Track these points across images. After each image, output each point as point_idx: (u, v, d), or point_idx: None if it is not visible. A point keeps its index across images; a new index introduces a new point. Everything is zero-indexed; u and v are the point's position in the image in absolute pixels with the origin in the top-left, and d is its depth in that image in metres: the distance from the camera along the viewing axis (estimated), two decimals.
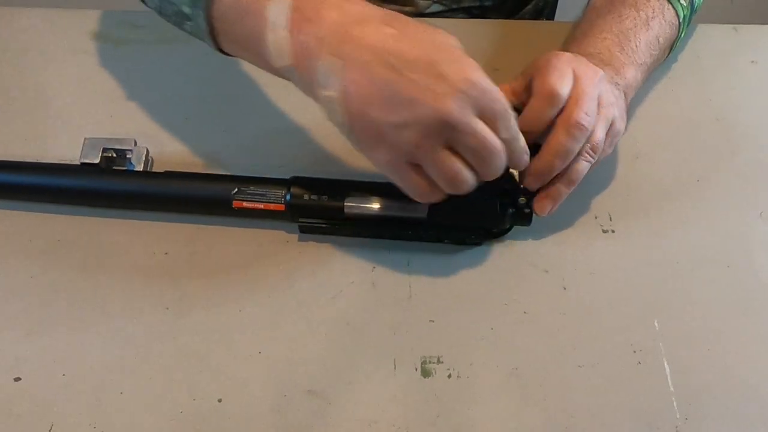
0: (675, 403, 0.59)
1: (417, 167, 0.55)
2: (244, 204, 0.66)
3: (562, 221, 0.70)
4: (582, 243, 0.69)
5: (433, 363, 0.61)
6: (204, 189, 0.67)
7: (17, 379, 0.60)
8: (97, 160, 0.68)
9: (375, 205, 0.65)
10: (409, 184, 0.56)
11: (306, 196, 0.65)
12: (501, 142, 0.55)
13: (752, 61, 0.85)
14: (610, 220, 0.70)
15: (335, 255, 0.67)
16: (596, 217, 0.70)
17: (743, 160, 0.75)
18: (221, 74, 0.81)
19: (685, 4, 0.76)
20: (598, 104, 0.63)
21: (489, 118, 0.53)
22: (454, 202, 0.59)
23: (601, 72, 0.64)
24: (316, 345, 0.62)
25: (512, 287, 0.66)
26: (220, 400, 0.59)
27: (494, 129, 0.54)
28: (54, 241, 0.68)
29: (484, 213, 0.65)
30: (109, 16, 0.86)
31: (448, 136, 0.53)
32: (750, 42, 0.87)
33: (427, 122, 0.51)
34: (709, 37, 0.83)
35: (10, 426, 0.57)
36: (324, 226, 0.66)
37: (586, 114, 0.61)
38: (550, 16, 1.09)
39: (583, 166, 0.64)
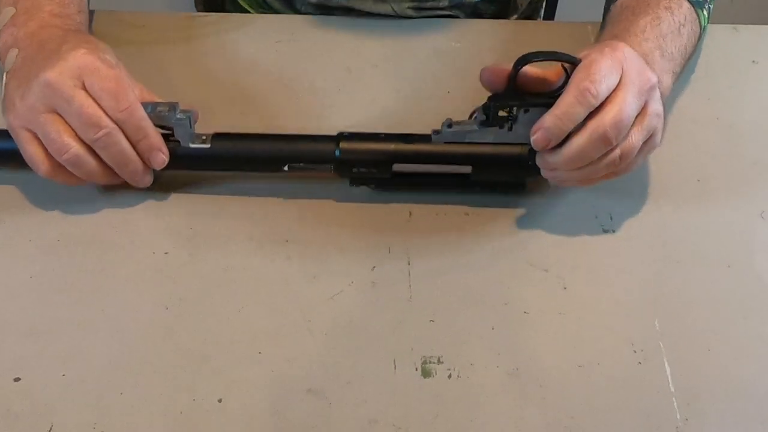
0: (675, 404, 0.59)
1: (35, 136, 0.64)
2: (296, 172, 0.69)
3: (563, 221, 0.70)
4: (582, 243, 0.69)
5: (434, 363, 0.61)
6: (254, 161, 0.70)
7: (17, 379, 0.60)
8: None
9: (422, 167, 0.68)
10: (26, 152, 0.65)
11: (354, 157, 0.68)
12: (106, 117, 0.63)
13: (752, 61, 0.85)
14: (611, 219, 0.70)
15: (335, 255, 0.67)
16: (596, 217, 0.70)
17: (743, 160, 0.75)
18: (221, 74, 0.81)
19: (706, 15, 0.76)
20: (643, 112, 0.63)
21: (98, 93, 0.63)
22: (491, 158, 0.67)
23: (654, 79, 0.63)
24: (315, 345, 0.62)
25: (512, 287, 0.66)
26: (220, 400, 0.59)
27: (106, 106, 0.63)
28: (54, 241, 0.68)
29: (516, 165, 0.67)
30: (109, 15, 0.86)
31: (54, 102, 0.63)
32: (750, 42, 0.87)
33: (37, 87, 0.63)
34: (709, 37, 0.83)
35: (10, 426, 0.57)
36: (373, 185, 0.71)
37: (617, 125, 0.60)
38: (550, 16, 1.09)
39: (604, 168, 0.63)
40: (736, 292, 0.66)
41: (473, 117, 0.67)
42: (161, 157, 0.67)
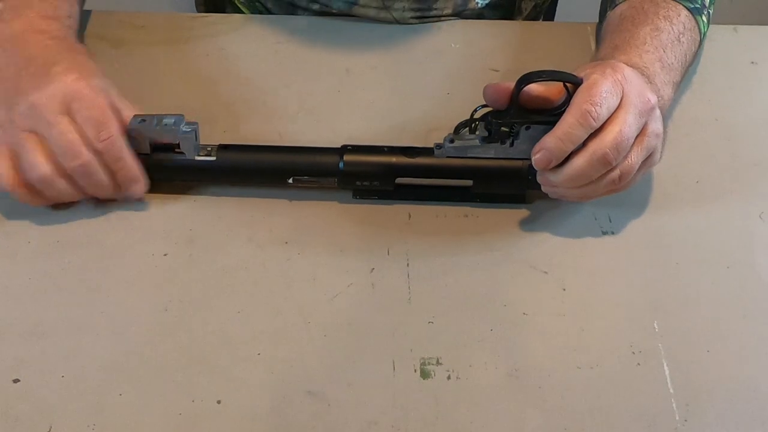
0: (674, 405, 0.59)
1: (9, 151, 0.64)
2: (300, 185, 0.70)
3: (562, 223, 0.70)
4: (581, 244, 0.69)
5: (433, 364, 0.61)
6: (259, 173, 0.70)
7: (16, 381, 0.60)
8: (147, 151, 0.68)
9: (425, 180, 0.69)
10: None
11: (358, 170, 0.68)
12: (84, 147, 0.63)
13: (752, 62, 0.85)
14: (610, 221, 0.70)
15: (334, 256, 0.67)
16: (596, 219, 0.70)
17: (743, 161, 0.75)
18: (221, 75, 0.81)
19: (705, 21, 0.77)
20: (642, 132, 0.63)
21: (82, 121, 0.63)
22: (492, 172, 0.68)
23: (653, 100, 0.64)
24: (315, 346, 0.62)
25: (511, 288, 0.66)
26: (219, 402, 0.59)
27: (88, 134, 0.63)
28: (53, 242, 0.68)
29: (516, 180, 0.68)
30: (109, 16, 0.86)
31: (37, 124, 0.63)
32: (750, 42, 0.87)
33: (23, 106, 0.63)
34: (708, 37, 0.83)
35: (9, 427, 0.57)
36: (376, 197, 0.71)
37: (617, 146, 0.61)
38: (550, 17, 1.09)
39: (603, 187, 0.64)
40: (735, 293, 0.66)
41: (473, 125, 0.67)
42: (140, 188, 0.68)
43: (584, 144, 0.62)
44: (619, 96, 0.62)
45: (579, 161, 0.62)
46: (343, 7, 0.86)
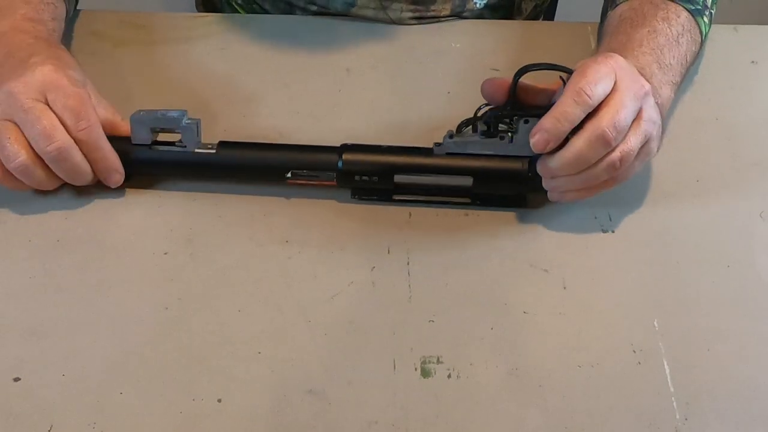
0: (675, 404, 0.59)
1: None
2: (298, 181, 0.69)
3: (562, 221, 0.70)
4: (582, 243, 0.69)
5: (433, 363, 0.61)
6: (258, 169, 0.70)
7: (17, 379, 0.60)
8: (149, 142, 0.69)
9: (424, 179, 0.68)
10: None
11: (357, 168, 0.68)
12: (62, 131, 0.63)
13: (752, 61, 0.85)
14: (610, 220, 0.70)
15: (335, 255, 0.67)
16: (596, 217, 0.70)
17: (743, 160, 0.75)
18: (221, 75, 0.81)
19: (707, 21, 0.77)
20: (638, 117, 0.63)
21: (60, 110, 0.63)
22: (492, 170, 0.67)
23: (647, 86, 0.64)
24: (315, 345, 0.62)
25: (512, 287, 0.66)
26: (219, 400, 0.59)
27: (66, 123, 0.64)
28: (54, 241, 0.68)
29: (517, 179, 0.67)
30: (109, 16, 0.86)
31: (13, 111, 0.63)
32: (750, 42, 0.87)
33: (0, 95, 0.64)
34: (709, 36, 0.83)
35: (10, 426, 0.57)
36: (375, 197, 0.71)
37: (615, 125, 0.61)
38: (550, 17, 1.09)
39: (603, 172, 0.64)
40: (735, 292, 0.66)
41: (476, 124, 0.67)
42: (117, 177, 0.68)
43: (582, 126, 0.62)
44: (612, 79, 0.62)
45: (578, 142, 0.62)
46: (341, 8, 0.86)
